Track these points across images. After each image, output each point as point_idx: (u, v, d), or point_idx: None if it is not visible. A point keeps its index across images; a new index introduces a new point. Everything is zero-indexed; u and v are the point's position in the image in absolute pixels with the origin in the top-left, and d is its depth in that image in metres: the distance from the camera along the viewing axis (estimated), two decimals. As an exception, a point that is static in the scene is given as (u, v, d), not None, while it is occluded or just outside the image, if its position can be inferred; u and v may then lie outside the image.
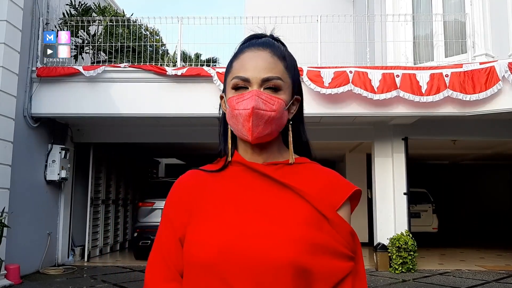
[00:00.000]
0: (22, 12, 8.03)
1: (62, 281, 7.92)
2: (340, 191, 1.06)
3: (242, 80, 1.04)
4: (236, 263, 0.93)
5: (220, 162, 1.12)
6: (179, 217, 1.05)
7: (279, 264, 0.92)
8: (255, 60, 1.05)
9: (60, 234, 9.48)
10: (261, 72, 1.03)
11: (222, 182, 1.07)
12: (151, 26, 9.89)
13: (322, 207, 1.01)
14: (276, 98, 1.03)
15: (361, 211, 13.62)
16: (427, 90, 7.81)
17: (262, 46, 1.07)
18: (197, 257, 0.96)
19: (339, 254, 0.99)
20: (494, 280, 8.09)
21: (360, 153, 13.58)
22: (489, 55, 8.24)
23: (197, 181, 1.09)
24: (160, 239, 1.07)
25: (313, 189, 1.03)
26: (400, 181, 9.47)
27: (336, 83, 7.93)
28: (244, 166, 1.07)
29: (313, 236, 0.97)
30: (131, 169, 12.94)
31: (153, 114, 8.38)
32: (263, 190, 1.03)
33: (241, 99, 1.02)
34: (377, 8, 10.11)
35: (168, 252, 1.04)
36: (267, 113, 1.01)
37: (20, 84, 8.04)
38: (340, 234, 1.01)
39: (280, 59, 1.07)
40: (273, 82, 1.04)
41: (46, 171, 8.93)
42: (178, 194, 1.09)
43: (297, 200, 1.02)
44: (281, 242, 0.94)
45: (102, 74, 8.25)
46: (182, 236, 1.03)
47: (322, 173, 1.09)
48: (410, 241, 8.74)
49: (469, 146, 12.60)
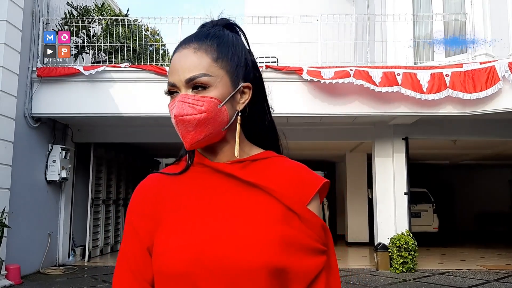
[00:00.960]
0: (22, 12, 8.03)
1: (62, 281, 7.92)
2: (308, 185, 1.01)
3: (170, 85, 0.98)
4: (210, 269, 0.90)
5: (181, 163, 1.07)
6: (144, 225, 0.99)
7: (254, 267, 0.89)
8: (179, 61, 0.98)
9: (60, 234, 9.48)
10: (184, 73, 0.96)
11: (187, 185, 1.01)
12: (152, 26, 9.89)
13: (292, 204, 0.97)
14: (205, 97, 0.95)
15: (361, 211, 13.64)
16: (428, 88, 7.80)
17: (188, 42, 1.00)
18: (168, 267, 0.92)
19: (313, 249, 0.96)
20: (495, 280, 8.09)
21: (361, 153, 13.59)
22: (489, 54, 8.24)
23: (160, 186, 1.03)
24: (126, 250, 1.00)
25: (281, 185, 0.99)
26: (400, 181, 9.46)
27: (337, 77, 7.88)
28: (207, 167, 1.02)
29: (285, 234, 0.93)
30: (131, 169, 12.94)
31: (153, 114, 8.38)
32: (229, 191, 0.98)
33: (172, 106, 0.97)
34: (377, 7, 10.11)
35: (135, 263, 0.98)
36: (195, 116, 0.95)
37: (21, 84, 8.04)
38: (312, 229, 0.97)
39: (206, 52, 0.97)
40: (197, 80, 0.95)
41: (46, 171, 8.94)
42: (141, 201, 1.02)
43: (266, 199, 0.97)
44: (254, 244, 0.91)
45: (102, 74, 8.26)
46: (150, 245, 0.97)
47: (289, 168, 1.03)
48: (410, 240, 8.74)
49: (469, 146, 12.59)
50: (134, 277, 0.98)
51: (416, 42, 9.33)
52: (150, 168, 15.64)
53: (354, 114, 8.37)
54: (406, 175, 9.48)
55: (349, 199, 13.87)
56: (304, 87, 8.14)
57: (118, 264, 1.01)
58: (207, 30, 1.02)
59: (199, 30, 1.05)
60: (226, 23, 1.06)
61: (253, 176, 0.99)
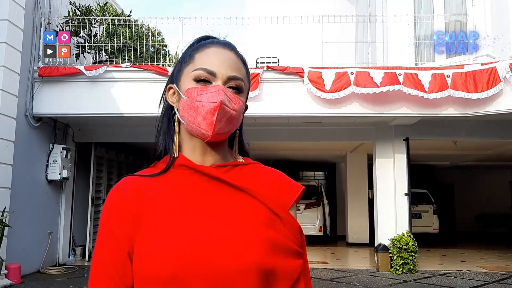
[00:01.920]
0: (23, 12, 8.04)
1: (62, 281, 7.92)
2: (289, 191, 1.05)
3: (207, 72, 0.99)
4: (198, 273, 0.88)
5: (159, 165, 1.05)
6: (124, 229, 0.95)
7: (244, 269, 0.90)
8: (221, 56, 1.01)
9: (61, 233, 9.48)
10: (227, 69, 1.00)
11: (169, 187, 1.00)
12: (153, 27, 9.90)
13: (275, 207, 1.00)
14: (239, 98, 1.01)
15: (362, 212, 13.63)
16: (430, 88, 7.80)
17: (227, 46, 1.05)
18: (154, 271, 0.89)
19: (293, 252, 0.98)
20: (495, 281, 8.08)
21: (361, 153, 13.59)
22: (490, 56, 8.24)
23: (139, 189, 1.00)
24: (102, 255, 0.96)
25: (264, 189, 1.02)
26: (401, 182, 9.46)
27: (337, 86, 7.92)
28: (191, 170, 1.01)
29: (271, 236, 0.95)
30: (132, 169, 12.93)
31: (154, 114, 8.23)
32: (215, 194, 0.99)
33: (205, 92, 0.98)
34: (378, 8, 10.11)
35: (114, 269, 0.94)
36: (230, 111, 0.99)
37: (22, 83, 8.05)
38: (291, 232, 1.00)
39: (242, 64, 1.05)
40: (237, 82, 1.01)
41: (47, 170, 8.94)
42: (119, 204, 0.98)
43: (250, 202, 0.99)
44: (242, 246, 0.92)
45: (103, 74, 8.26)
46: (131, 249, 0.94)
47: (268, 173, 1.08)
48: (411, 241, 8.73)
49: (470, 147, 12.59)
50: (113, 283, 0.94)
51: (417, 43, 9.33)
52: None
53: (355, 114, 8.36)
54: (406, 176, 9.48)
55: (350, 200, 13.86)
56: (305, 88, 8.13)
57: (95, 270, 0.97)
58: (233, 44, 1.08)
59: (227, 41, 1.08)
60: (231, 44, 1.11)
61: (237, 180, 1.01)
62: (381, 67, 8.21)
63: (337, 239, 14.40)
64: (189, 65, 1.03)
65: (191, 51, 1.05)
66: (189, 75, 1.01)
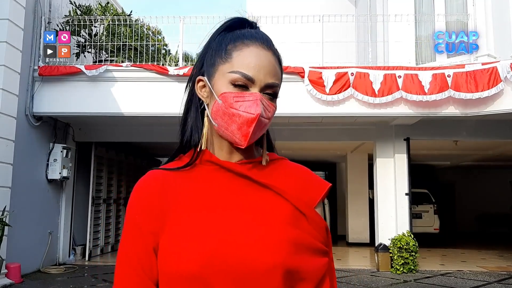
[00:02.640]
0: (24, 11, 8.03)
1: (63, 280, 7.92)
2: (315, 188, 1.03)
3: (246, 78, 0.94)
4: (222, 272, 0.88)
5: (184, 159, 1.04)
6: (149, 224, 0.95)
7: (269, 267, 0.89)
8: (261, 59, 0.96)
9: (61, 233, 9.49)
10: (266, 75, 0.96)
11: (195, 183, 0.99)
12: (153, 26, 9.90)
13: (301, 205, 0.98)
14: (273, 106, 0.99)
15: (362, 212, 13.62)
16: (430, 89, 7.80)
17: (266, 44, 0.99)
18: (179, 268, 0.89)
19: (319, 250, 0.97)
20: (496, 281, 8.07)
21: (362, 153, 13.58)
22: (491, 55, 8.22)
23: (164, 183, 0.99)
24: (128, 250, 0.96)
25: (290, 186, 1.00)
26: (401, 182, 9.46)
27: (337, 88, 7.94)
28: (217, 166, 1.00)
29: (296, 235, 0.94)
30: (132, 168, 12.94)
31: (154, 113, 8.37)
32: (240, 190, 0.98)
33: (242, 99, 0.94)
34: (379, 8, 10.09)
35: (140, 264, 0.94)
36: (265, 120, 0.97)
37: (22, 83, 8.05)
38: (317, 230, 0.98)
39: (279, 64, 1.01)
40: (274, 89, 0.98)
41: (47, 170, 8.94)
42: (144, 198, 0.98)
43: (276, 199, 0.97)
44: (268, 245, 0.91)
45: (104, 73, 8.25)
46: (156, 245, 0.94)
47: (295, 170, 1.06)
48: (411, 241, 8.72)
49: (470, 147, 12.57)
50: (139, 277, 0.94)
51: (418, 43, 9.31)
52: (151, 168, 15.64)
53: (355, 114, 8.36)
54: (407, 176, 9.47)
55: (350, 200, 13.85)
56: (305, 91, 8.12)
57: (121, 264, 0.96)
58: (270, 39, 1.02)
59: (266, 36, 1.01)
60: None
61: (263, 177, 1.00)
62: (381, 67, 8.21)
63: (337, 239, 14.39)
64: (225, 64, 0.97)
65: (227, 45, 0.98)
66: (225, 76, 0.96)
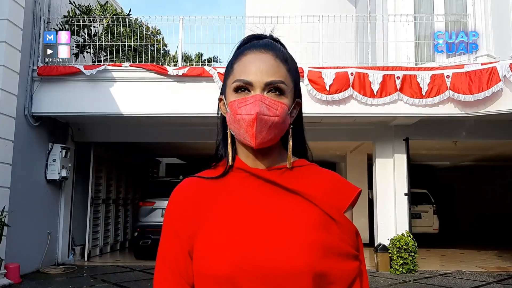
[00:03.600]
0: (23, 11, 8.02)
1: (62, 280, 7.91)
2: (345, 193, 1.05)
3: (244, 83, 1.00)
4: (254, 274, 0.92)
5: (219, 167, 1.09)
6: (185, 229, 1.01)
7: (298, 271, 0.92)
8: (258, 62, 1.01)
9: (60, 233, 9.48)
10: (264, 75, 1.00)
11: (227, 190, 1.04)
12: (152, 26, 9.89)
13: (330, 210, 1.00)
14: (280, 102, 1.01)
15: (361, 212, 13.60)
16: (428, 91, 7.81)
17: (265, 48, 1.04)
18: (212, 270, 0.94)
19: (348, 255, 0.99)
20: (495, 281, 8.07)
21: (361, 153, 13.57)
22: (490, 55, 8.22)
23: (199, 190, 1.05)
24: (166, 253, 1.03)
25: (319, 192, 1.02)
26: (401, 182, 9.45)
27: (336, 87, 7.94)
28: (247, 173, 1.05)
29: (325, 239, 0.97)
30: (131, 168, 12.93)
31: (154, 113, 8.37)
32: (270, 197, 1.01)
33: (244, 104, 0.99)
34: (378, 8, 10.09)
35: (177, 266, 1.01)
36: (271, 118, 0.99)
37: (21, 83, 8.03)
38: (347, 235, 1.01)
39: (283, 62, 1.04)
40: (276, 85, 1.01)
41: (46, 170, 8.93)
42: (181, 204, 1.05)
43: (305, 205, 1.01)
44: (297, 249, 0.93)
45: (103, 73, 8.25)
46: (191, 248, 1.00)
47: (324, 175, 1.08)
48: (410, 241, 8.72)
49: (470, 147, 12.58)
50: (176, 280, 1.00)
51: (418, 43, 9.31)
52: (154, 170, 15.64)
53: (355, 114, 8.36)
54: (406, 176, 9.47)
55: (350, 200, 13.83)
56: (305, 87, 8.12)
57: (159, 266, 1.03)
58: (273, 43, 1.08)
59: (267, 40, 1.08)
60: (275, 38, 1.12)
61: (291, 183, 1.03)
62: (381, 67, 8.21)
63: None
64: (230, 77, 1.05)
65: (231, 61, 1.07)
66: (231, 87, 1.03)
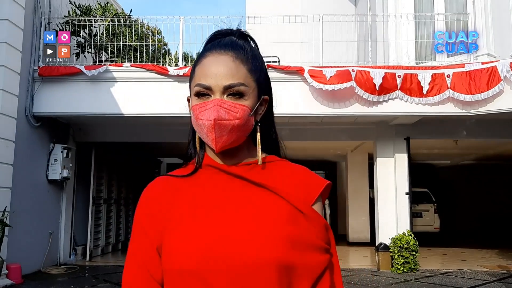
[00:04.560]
0: (23, 11, 8.03)
1: (63, 280, 7.92)
2: (313, 187, 1.06)
3: (204, 88, 1.00)
4: (219, 266, 0.92)
5: (189, 166, 1.10)
6: (154, 226, 1.02)
7: (264, 263, 0.92)
8: (216, 66, 1.00)
9: (62, 233, 9.49)
10: (222, 79, 0.99)
11: (196, 186, 1.05)
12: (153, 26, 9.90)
13: (298, 203, 1.01)
14: (240, 105, 1.00)
15: (363, 211, 13.62)
16: (429, 90, 7.81)
17: (224, 49, 1.03)
18: (179, 265, 0.94)
19: (317, 247, 0.99)
20: (496, 280, 8.07)
21: (362, 153, 13.58)
22: (491, 55, 8.22)
23: (168, 188, 1.06)
24: (135, 250, 1.04)
25: (287, 186, 1.03)
26: (402, 181, 9.45)
27: (338, 79, 7.92)
28: (217, 169, 1.06)
29: (292, 232, 0.97)
30: (133, 168, 12.94)
31: (155, 113, 8.38)
32: (238, 191, 1.02)
33: (204, 108, 0.99)
34: (379, 7, 10.10)
35: (145, 263, 1.01)
36: (231, 122, 0.99)
37: (22, 83, 8.05)
38: (316, 228, 1.01)
39: (243, 63, 1.02)
40: (235, 88, 1.00)
41: (48, 170, 8.94)
42: (150, 202, 1.05)
43: (273, 198, 1.01)
44: (264, 241, 0.94)
45: (104, 74, 8.26)
46: (159, 245, 1.00)
47: (293, 170, 1.08)
48: (412, 241, 8.73)
49: (471, 146, 12.58)
50: (144, 276, 1.01)
51: (418, 42, 9.31)
52: (155, 169, 15.65)
53: (356, 114, 8.36)
54: (407, 175, 9.47)
55: (351, 199, 13.85)
56: (306, 87, 8.13)
57: (128, 263, 1.04)
58: (236, 40, 1.07)
59: (229, 39, 1.07)
60: (243, 33, 1.11)
61: (260, 177, 1.04)
62: (381, 66, 8.21)
63: (338, 238, 14.38)
64: (192, 80, 1.05)
65: (195, 63, 1.07)
66: (193, 90, 1.03)
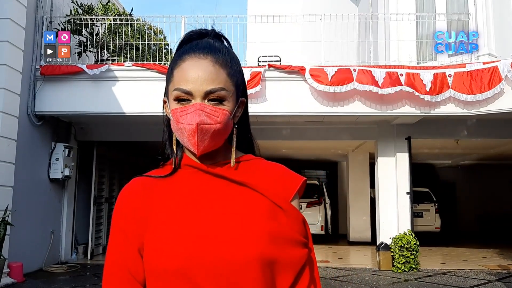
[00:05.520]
0: (25, 10, 8.04)
1: (65, 279, 7.94)
2: (290, 183, 1.07)
3: (184, 92, 1.00)
4: (204, 265, 0.93)
5: (167, 166, 1.10)
6: (133, 228, 1.01)
7: (247, 260, 0.94)
8: (196, 70, 1.00)
9: (63, 232, 9.51)
10: (203, 84, 0.99)
11: (175, 186, 1.05)
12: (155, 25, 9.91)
13: (277, 199, 1.03)
14: (221, 109, 1.01)
15: (363, 211, 13.63)
16: (431, 89, 7.81)
17: (203, 53, 1.02)
18: (163, 265, 0.94)
19: (297, 242, 1.01)
20: (496, 280, 8.08)
21: (363, 152, 13.58)
22: (492, 54, 8.23)
23: (147, 188, 1.06)
24: (115, 252, 1.03)
25: (266, 183, 1.05)
26: (403, 181, 9.46)
27: (339, 80, 7.91)
28: (196, 169, 1.06)
29: (273, 227, 0.99)
30: (134, 167, 12.94)
31: (156, 113, 8.36)
32: (219, 190, 1.03)
33: (185, 112, 0.99)
34: (380, 7, 10.10)
35: (126, 265, 1.01)
36: (212, 126, 1.00)
37: (24, 82, 8.06)
38: (295, 223, 1.03)
39: (223, 67, 1.02)
40: (216, 94, 1.00)
41: (49, 169, 8.96)
42: (128, 203, 1.05)
43: (252, 195, 1.03)
44: (246, 238, 0.96)
45: (105, 73, 8.27)
46: (141, 246, 1.00)
47: (270, 167, 1.10)
48: (412, 240, 8.73)
49: (472, 146, 12.57)
50: (126, 278, 1.01)
51: (419, 42, 9.32)
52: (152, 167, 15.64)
53: (357, 113, 8.36)
54: (408, 175, 9.48)
55: (351, 199, 13.86)
56: (307, 86, 8.14)
57: (108, 266, 1.03)
58: (214, 43, 1.06)
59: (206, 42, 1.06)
60: (217, 34, 1.10)
61: (239, 175, 1.05)
62: (383, 66, 8.21)
63: (338, 237, 14.40)
64: (170, 83, 1.04)
65: (172, 66, 1.05)
66: (172, 94, 1.02)
